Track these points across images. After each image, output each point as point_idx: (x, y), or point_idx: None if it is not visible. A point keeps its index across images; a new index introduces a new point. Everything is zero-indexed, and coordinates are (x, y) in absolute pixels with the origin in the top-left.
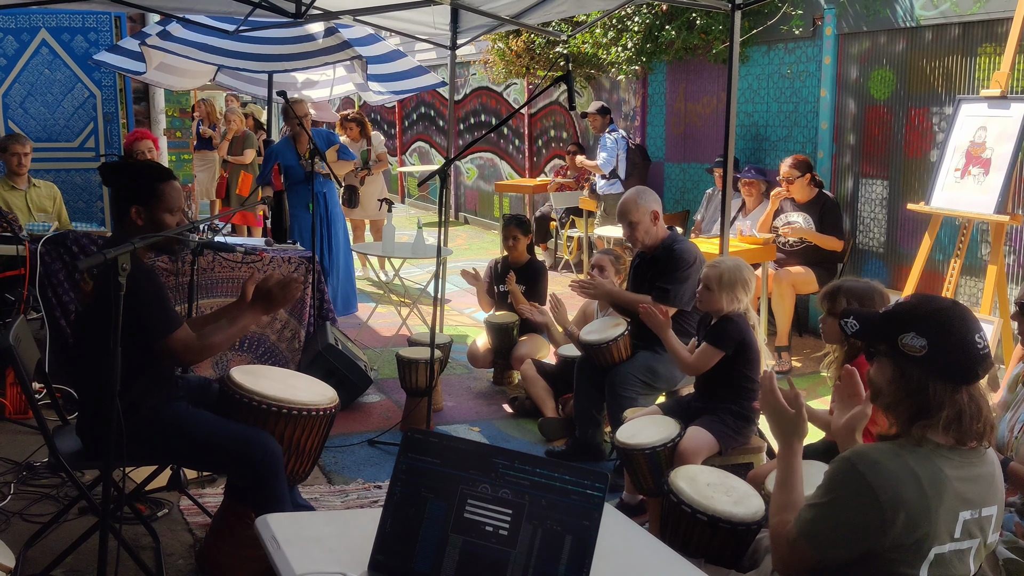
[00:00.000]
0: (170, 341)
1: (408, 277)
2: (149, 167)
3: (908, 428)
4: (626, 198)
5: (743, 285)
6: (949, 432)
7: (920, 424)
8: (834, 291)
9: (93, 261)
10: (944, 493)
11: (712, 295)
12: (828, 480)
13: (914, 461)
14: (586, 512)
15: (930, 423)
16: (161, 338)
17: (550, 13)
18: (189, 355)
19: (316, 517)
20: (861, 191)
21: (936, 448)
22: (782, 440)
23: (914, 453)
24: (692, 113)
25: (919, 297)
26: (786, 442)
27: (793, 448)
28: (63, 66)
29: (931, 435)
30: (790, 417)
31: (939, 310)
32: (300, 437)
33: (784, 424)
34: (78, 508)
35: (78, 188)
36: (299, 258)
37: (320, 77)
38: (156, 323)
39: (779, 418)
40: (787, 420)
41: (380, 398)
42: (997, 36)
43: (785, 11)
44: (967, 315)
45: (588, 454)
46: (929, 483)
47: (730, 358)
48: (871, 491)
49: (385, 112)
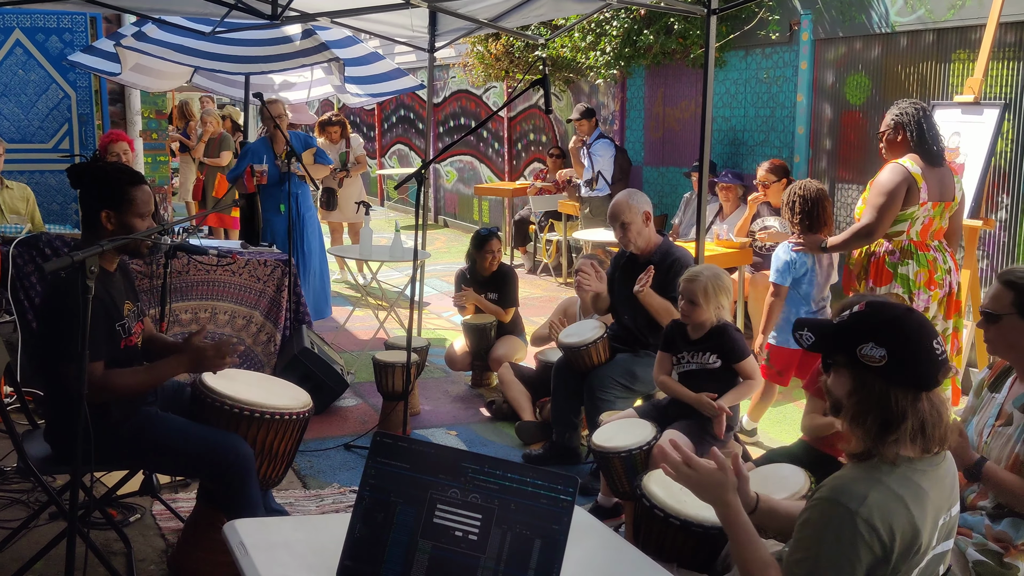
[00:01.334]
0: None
1: (386, 280)
2: (120, 171)
3: (878, 445)
4: (618, 200)
5: (725, 292)
6: (916, 442)
7: (890, 440)
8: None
9: (60, 263)
10: (927, 507)
11: (698, 309)
12: (817, 526)
13: (896, 484)
14: (555, 516)
15: (899, 437)
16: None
17: (528, 16)
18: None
19: (285, 522)
20: (837, 195)
21: (909, 464)
22: (713, 501)
23: (892, 475)
24: (670, 117)
25: (873, 306)
26: (720, 502)
27: (731, 505)
28: (37, 67)
29: (902, 451)
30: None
31: (896, 318)
32: (273, 441)
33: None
34: (48, 513)
35: (52, 190)
36: (275, 261)
37: (298, 79)
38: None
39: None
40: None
41: (357, 402)
42: (970, 42)
43: (762, 16)
44: (923, 321)
45: (565, 457)
46: (913, 502)
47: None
48: (870, 528)
49: (364, 114)
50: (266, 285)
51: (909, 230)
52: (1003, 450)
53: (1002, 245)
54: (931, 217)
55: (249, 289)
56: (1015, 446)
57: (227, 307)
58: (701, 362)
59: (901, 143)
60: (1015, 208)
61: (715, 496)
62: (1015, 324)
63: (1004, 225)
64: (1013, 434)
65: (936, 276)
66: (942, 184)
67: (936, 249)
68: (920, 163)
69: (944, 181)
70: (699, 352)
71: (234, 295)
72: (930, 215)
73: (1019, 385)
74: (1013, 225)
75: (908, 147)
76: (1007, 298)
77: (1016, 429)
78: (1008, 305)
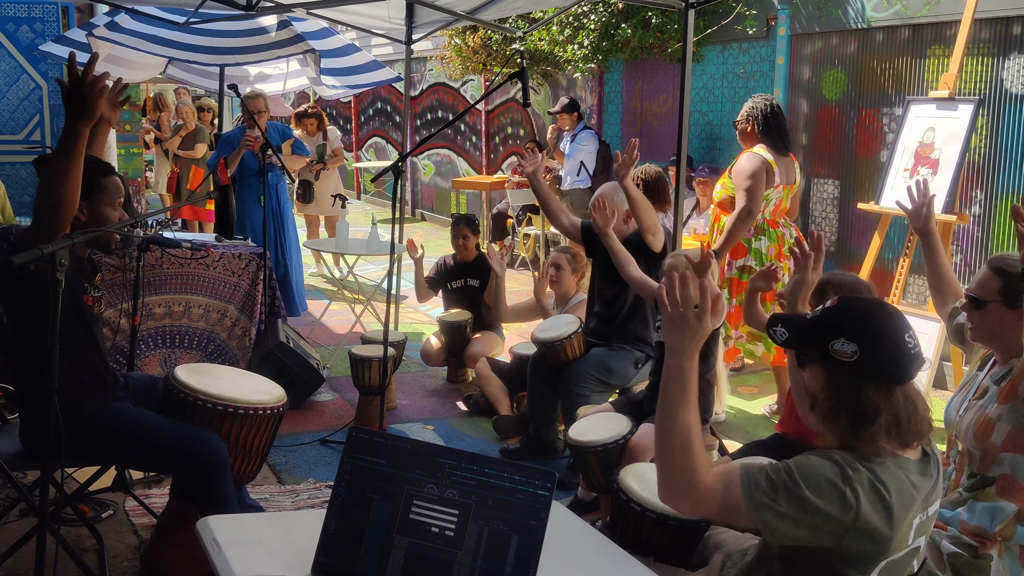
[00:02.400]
0: None
1: (362, 274)
2: (90, 161)
3: (850, 439)
4: (604, 190)
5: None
6: (891, 436)
7: (866, 436)
8: (822, 285)
9: (29, 256)
10: (907, 504)
11: None
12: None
13: (883, 472)
14: (533, 512)
15: (874, 432)
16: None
17: (506, 9)
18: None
19: (260, 518)
20: (813, 190)
21: (895, 460)
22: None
23: (882, 466)
24: (648, 112)
25: (845, 301)
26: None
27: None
28: (8, 56)
29: (884, 444)
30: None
31: (867, 313)
32: (247, 436)
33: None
34: (19, 510)
35: (23, 182)
36: (249, 254)
37: (273, 71)
38: None
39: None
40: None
41: (333, 396)
42: (945, 38)
43: (739, 11)
44: (895, 315)
45: (542, 452)
46: (896, 495)
47: None
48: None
49: (341, 107)
50: (241, 279)
51: (764, 210)
52: (974, 417)
53: (975, 240)
54: (780, 199)
55: (223, 283)
56: (983, 410)
57: (201, 301)
58: None
59: (751, 133)
60: (989, 203)
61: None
62: (999, 312)
63: (977, 220)
64: (985, 404)
65: (784, 249)
66: (787, 169)
67: (783, 226)
68: (770, 151)
69: (789, 167)
70: None
71: (208, 289)
72: (780, 196)
73: (999, 365)
74: (987, 220)
75: (756, 137)
76: (994, 285)
77: (988, 399)
78: (995, 292)
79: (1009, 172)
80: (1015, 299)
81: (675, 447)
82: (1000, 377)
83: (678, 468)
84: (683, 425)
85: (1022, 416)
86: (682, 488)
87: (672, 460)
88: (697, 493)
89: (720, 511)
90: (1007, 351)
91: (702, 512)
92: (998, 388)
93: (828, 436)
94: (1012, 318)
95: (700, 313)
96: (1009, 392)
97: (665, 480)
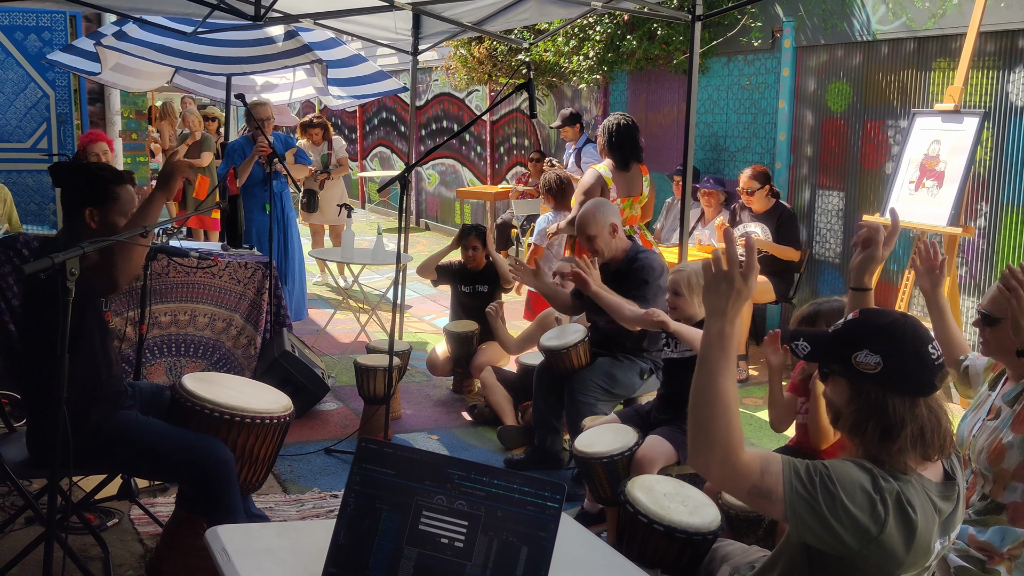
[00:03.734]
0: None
1: (367, 283)
2: (103, 169)
3: (878, 452)
4: (585, 212)
5: None
6: (916, 449)
7: (895, 450)
8: (813, 315)
9: (40, 265)
10: (931, 525)
11: (683, 299)
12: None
13: (909, 491)
14: (542, 523)
15: (901, 445)
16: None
17: (512, 20)
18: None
19: (268, 528)
20: (818, 202)
21: (920, 480)
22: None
23: (908, 485)
24: (653, 123)
25: (867, 313)
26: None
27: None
28: (15, 65)
29: (910, 460)
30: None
31: (890, 324)
32: (253, 445)
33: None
34: (24, 518)
35: (30, 190)
36: (255, 263)
37: (280, 80)
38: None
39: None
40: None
41: (338, 406)
42: (951, 51)
43: (745, 23)
44: (918, 327)
45: (547, 462)
46: (921, 514)
47: None
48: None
49: (346, 117)
50: (246, 288)
51: None
52: (987, 440)
53: (981, 253)
54: (622, 209)
55: (229, 292)
56: (997, 433)
57: (207, 310)
58: (682, 353)
59: (604, 147)
60: (994, 216)
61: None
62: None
63: (983, 233)
64: (999, 425)
65: None
66: (629, 184)
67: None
68: (612, 168)
69: (632, 181)
70: (680, 343)
71: (214, 297)
72: (620, 207)
73: (1011, 383)
74: (992, 233)
75: (606, 151)
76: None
77: (1002, 421)
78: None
79: (1014, 185)
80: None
81: (716, 413)
82: (1013, 397)
83: (719, 435)
84: (723, 392)
85: None
86: (719, 456)
87: (711, 426)
88: (734, 463)
89: (750, 492)
90: (1020, 366)
91: (731, 486)
92: (1012, 411)
93: (855, 449)
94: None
95: (746, 271)
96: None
97: (703, 445)
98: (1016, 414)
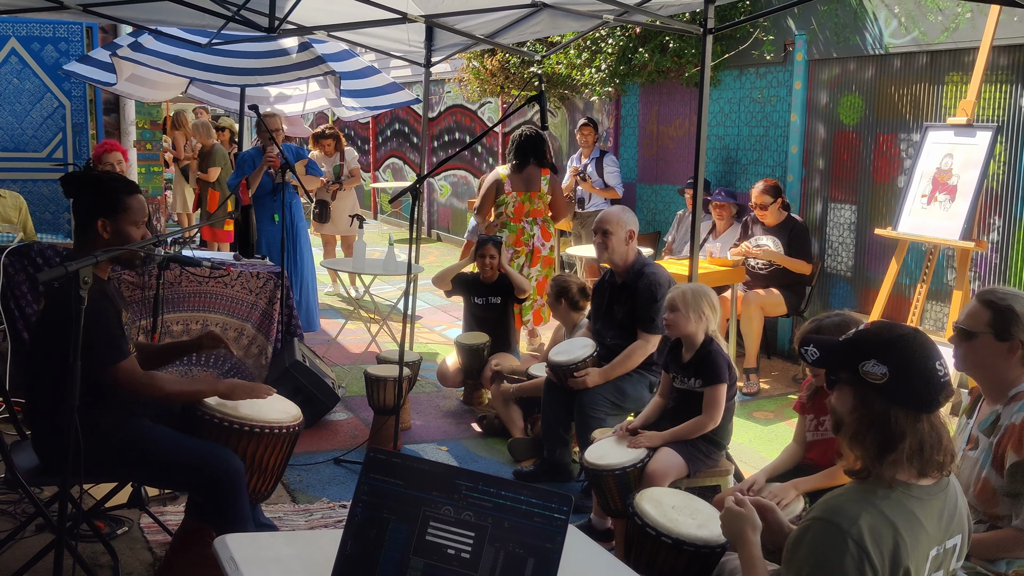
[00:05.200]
0: (113, 372)
1: (378, 294)
2: (115, 179)
3: (876, 465)
4: (610, 210)
5: (709, 304)
6: (912, 463)
7: (889, 461)
8: (815, 332)
9: (53, 274)
10: (919, 537)
11: (679, 315)
12: (808, 546)
13: (889, 509)
14: (549, 535)
15: (897, 457)
16: (103, 368)
17: (525, 33)
18: (131, 388)
19: (276, 537)
20: (830, 215)
21: (906, 489)
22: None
23: (887, 500)
24: (664, 135)
25: (879, 324)
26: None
27: (750, 543)
28: (32, 75)
29: (900, 474)
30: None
31: (900, 337)
32: (263, 455)
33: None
34: (35, 525)
35: (45, 199)
36: (267, 273)
37: (293, 92)
38: (98, 351)
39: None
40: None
41: (347, 416)
42: (964, 65)
43: (757, 36)
44: (928, 342)
45: (556, 474)
46: (905, 529)
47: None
48: (860, 549)
49: (359, 128)
50: (258, 297)
51: (506, 210)
52: (971, 473)
53: (994, 267)
54: (519, 203)
55: (241, 301)
56: (981, 470)
57: (219, 319)
58: (689, 386)
59: (507, 152)
60: (1007, 230)
61: (737, 530)
62: (989, 343)
63: (996, 247)
64: (979, 457)
65: (523, 238)
66: (526, 181)
67: (527, 222)
68: (510, 168)
69: (528, 179)
70: (686, 376)
71: (226, 307)
72: (518, 201)
73: (986, 407)
74: (1005, 247)
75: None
76: (984, 317)
77: (981, 452)
78: (984, 324)
79: None
80: (1006, 331)
81: None
82: (989, 425)
83: None
84: None
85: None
86: None
87: None
88: None
89: None
90: (995, 385)
91: None
92: (989, 441)
93: (852, 459)
94: (1002, 350)
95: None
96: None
97: None
98: (994, 449)
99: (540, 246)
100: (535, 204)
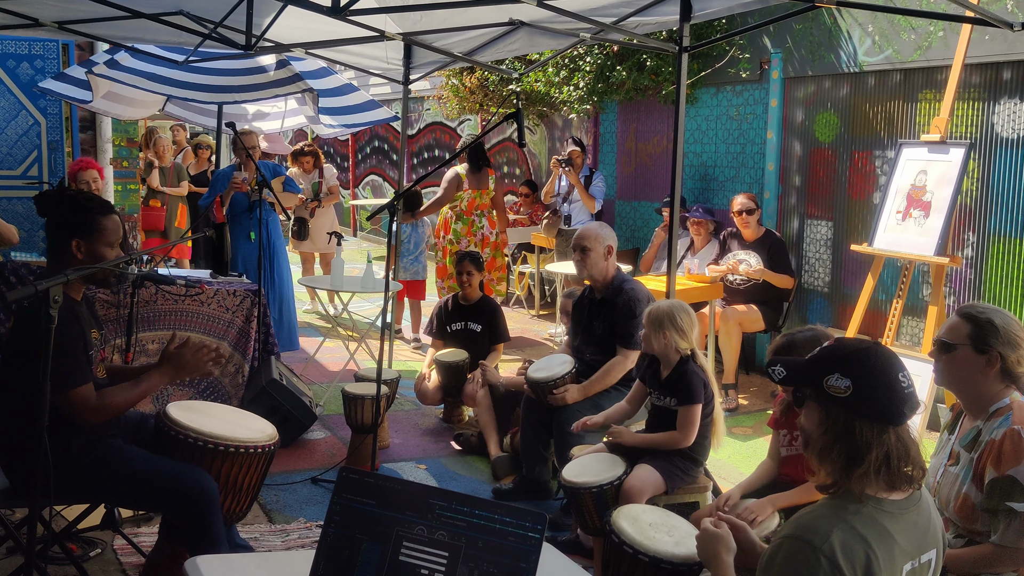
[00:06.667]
0: (67, 397)
1: (357, 311)
2: (90, 199)
3: (845, 479)
4: (588, 226)
5: (683, 320)
6: (880, 476)
7: (857, 475)
8: (787, 346)
9: (23, 292)
10: (892, 551)
11: (647, 333)
12: (780, 564)
13: (860, 524)
14: (524, 554)
15: (864, 471)
16: (58, 392)
17: (503, 51)
18: (86, 414)
19: (248, 559)
20: (806, 231)
21: (877, 504)
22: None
23: (858, 515)
24: (643, 152)
25: (841, 340)
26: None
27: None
28: (7, 93)
29: (868, 488)
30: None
31: (861, 350)
32: (237, 475)
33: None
34: (5, 548)
35: (19, 217)
36: (244, 291)
37: (271, 109)
38: (56, 375)
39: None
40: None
41: (325, 435)
42: (937, 83)
43: (732, 55)
44: (889, 355)
45: (535, 492)
46: (878, 544)
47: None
48: (833, 565)
49: (338, 145)
50: (235, 315)
51: (459, 204)
52: (951, 489)
53: (968, 282)
54: (472, 198)
55: (217, 319)
56: (962, 486)
57: (195, 337)
58: (665, 404)
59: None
60: (981, 246)
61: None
62: (968, 356)
63: (970, 262)
64: (959, 473)
65: (473, 229)
66: (479, 180)
67: (476, 215)
68: (467, 169)
69: (480, 179)
70: (663, 394)
71: (202, 325)
72: (472, 197)
73: (967, 423)
74: (979, 262)
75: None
76: (964, 330)
77: (962, 468)
78: (964, 337)
79: (1000, 215)
80: (984, 343)
81: None
82: (969, 441)
83: None
84: None
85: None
86: None
87: None
88: None
89: None
90: (975, 400)
91: None
92: (970, 457)
93: (823, 475)
94: (981, 363)
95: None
96: (980, 475)
97: None
98: (974, 465)
99: (489, 234)
100: (483, 199)
